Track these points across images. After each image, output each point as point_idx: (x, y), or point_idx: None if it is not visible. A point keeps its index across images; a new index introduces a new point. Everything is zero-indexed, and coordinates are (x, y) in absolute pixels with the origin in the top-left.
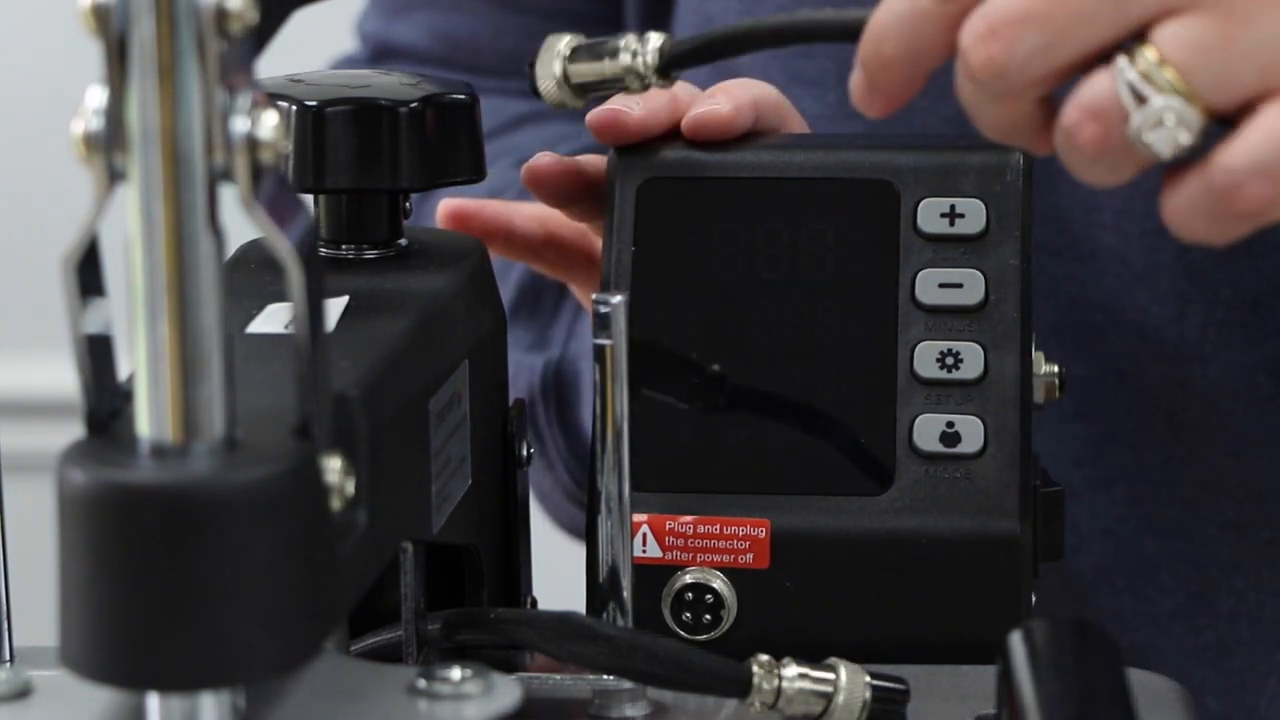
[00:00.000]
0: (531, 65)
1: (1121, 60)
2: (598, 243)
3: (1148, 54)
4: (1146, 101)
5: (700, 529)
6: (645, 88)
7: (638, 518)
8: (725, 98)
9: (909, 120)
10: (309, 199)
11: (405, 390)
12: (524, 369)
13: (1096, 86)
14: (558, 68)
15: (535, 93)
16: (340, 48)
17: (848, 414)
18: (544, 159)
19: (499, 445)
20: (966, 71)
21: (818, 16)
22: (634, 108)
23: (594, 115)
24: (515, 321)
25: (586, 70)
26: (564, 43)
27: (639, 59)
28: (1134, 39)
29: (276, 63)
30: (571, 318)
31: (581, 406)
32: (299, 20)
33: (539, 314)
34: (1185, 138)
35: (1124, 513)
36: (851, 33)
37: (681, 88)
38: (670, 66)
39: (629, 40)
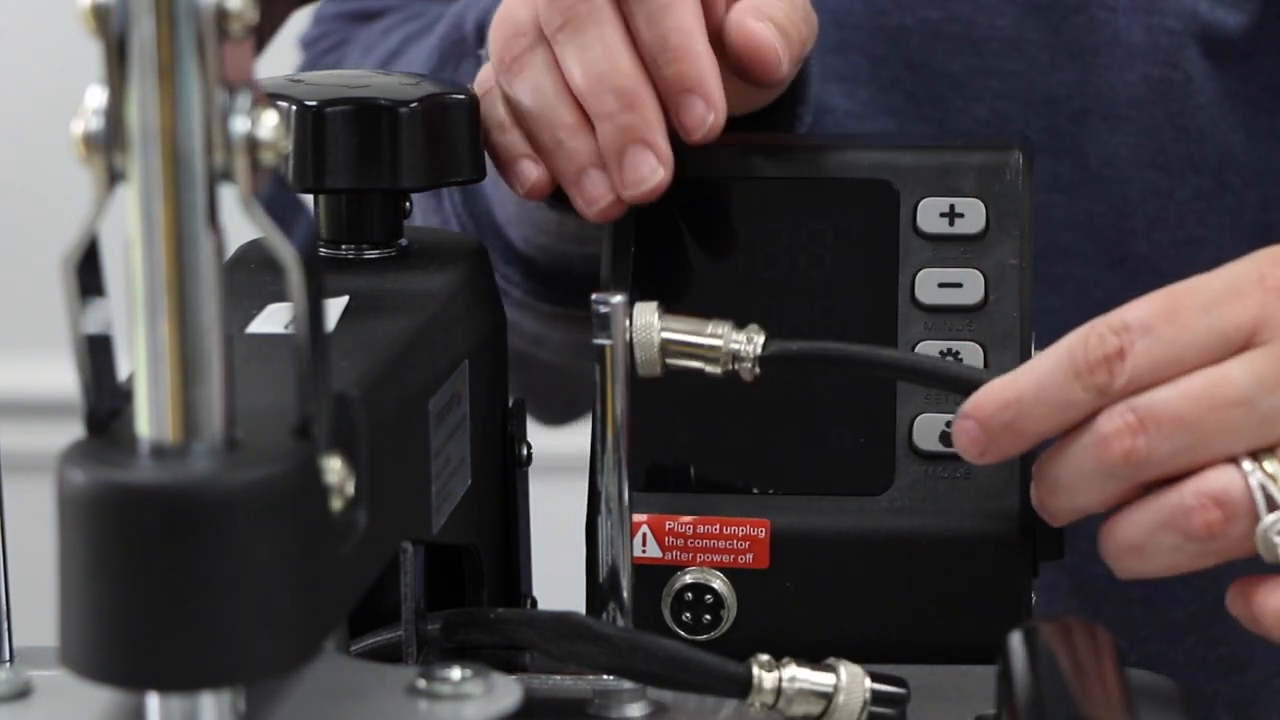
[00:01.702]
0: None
1: (1248, 462)
2: None
3: (1278, 459)
4: (1279, 506)
5: (700, 529)
6: (734, 374)
7: (638, 518)
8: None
9: (944, 119)
10: (309, 199)
11: (405, 390)
12: None
13: (1225, 478)
14: (656, 339)
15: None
16: None
17: (848, 414)
18: None
19: (499, 445)
20: (1101, 454)
21: (938, 365)
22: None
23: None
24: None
25: (680, 345)
26: (655, 313)
27: (745, 345)
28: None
29: (276, 63)
30: None
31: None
32: (299, 20)
33: (462, 77)
34: None
35: None
36: (967, 386)
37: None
38: (770, 362)
39: (728, 327)
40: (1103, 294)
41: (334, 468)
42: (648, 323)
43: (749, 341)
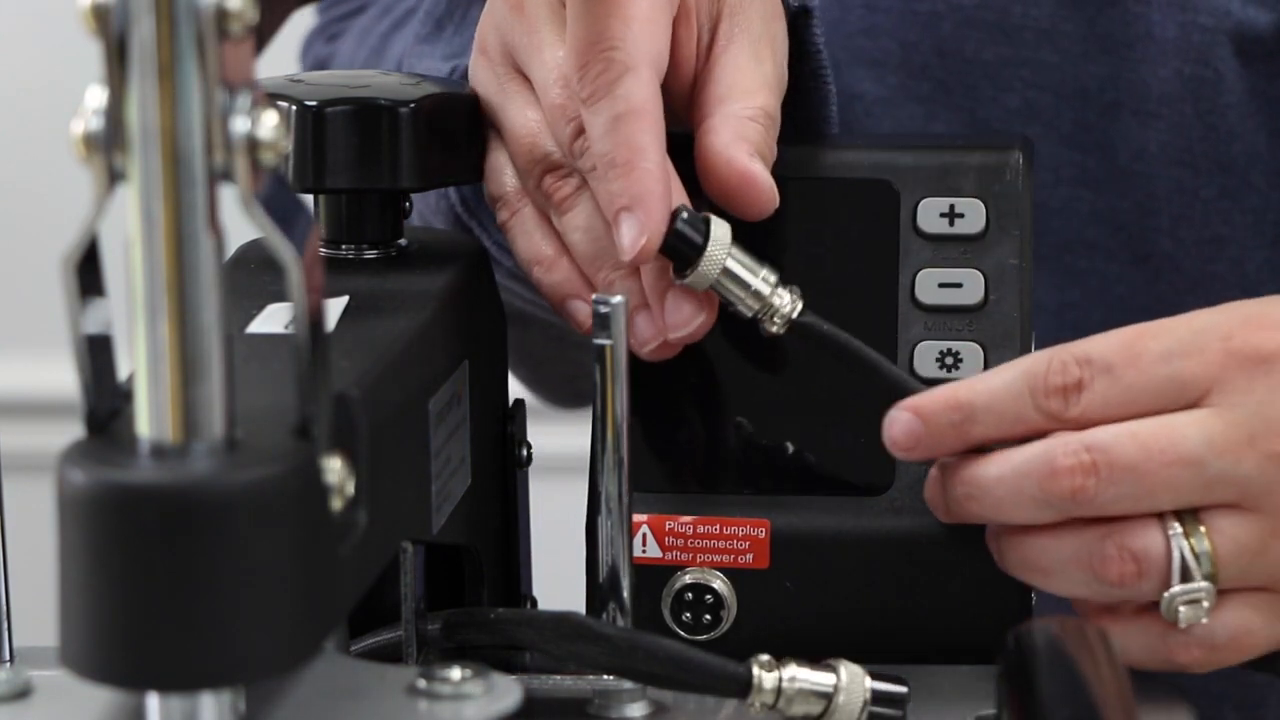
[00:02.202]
0: (691, 241)
1: (1175, 527)
2: None
3: (1202, 530)
4: (1192, 579)
5: (700, 529)
6: (758, 322)
7: (638, 518)
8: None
9: (973, 109)
10: (309, 199)
11: (405, 390)
12: (433, 72)
13: (1149, 539)
14: (721, 261)
15: (679, 258)
16: None
17: (847, 414)
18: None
19: (499, 445)
20: (1048, 485)
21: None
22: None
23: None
24: (440, 34)
25: (733, 277)
26: (728, 235)
27: (785, 304)
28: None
29: (277, 63)
30: None
31: None
32: (299, 20)
33: (465, 28)
34: (1204, 617)
35: None
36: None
37: None
38: (798, 329)
39: (776, 278)
40: (1125, 290)
41: (334, 468)
42: (721, 242)
43: (790, 302)
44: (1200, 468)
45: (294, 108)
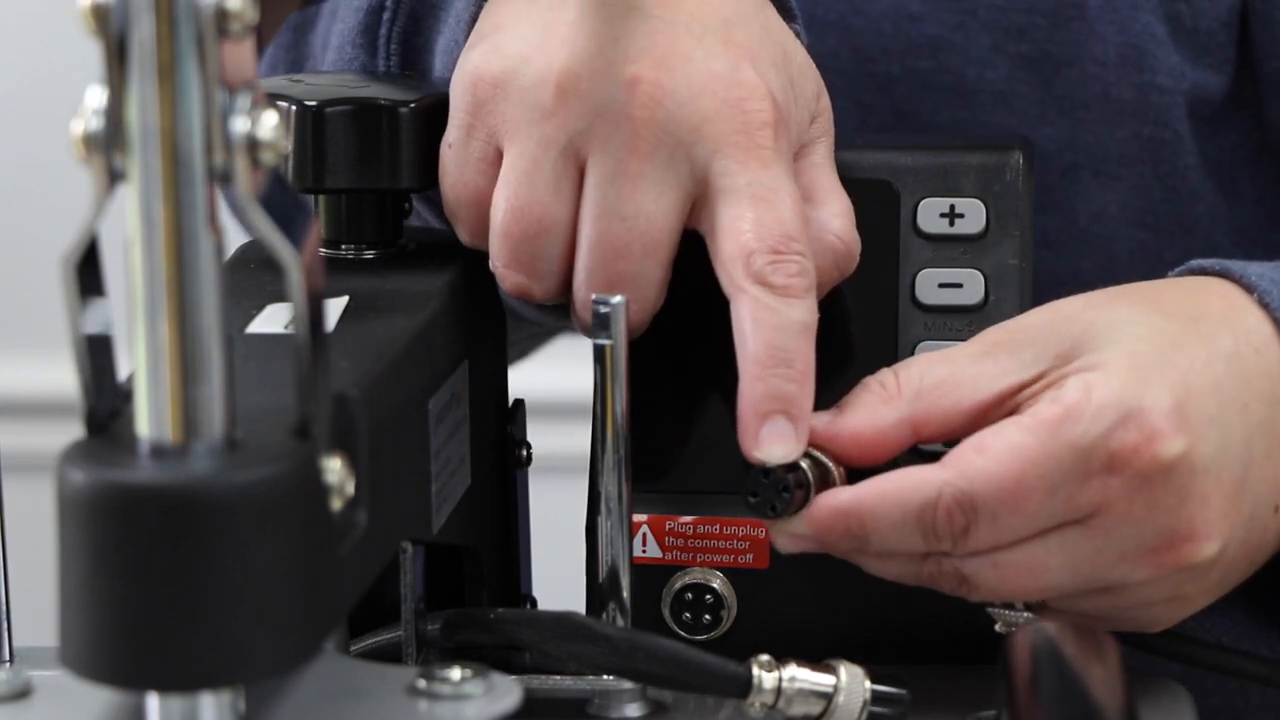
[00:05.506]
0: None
1: None
2: None
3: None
4: (1014, 607)
5: (700, 529)
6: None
7: (638, 518)
8: None
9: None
10: (309, 199)
11: (405, 390)
12: None
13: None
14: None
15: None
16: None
17: None
18: None
19: (499, 445)
20: (928, 579)
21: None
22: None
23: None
24: None
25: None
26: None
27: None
28: None
29: None
30: None
31: (436, 33)
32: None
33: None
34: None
35: None
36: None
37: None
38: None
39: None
40: None
41: (334, 468)
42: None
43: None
44: (1058, 590)
45: (294, 108)
